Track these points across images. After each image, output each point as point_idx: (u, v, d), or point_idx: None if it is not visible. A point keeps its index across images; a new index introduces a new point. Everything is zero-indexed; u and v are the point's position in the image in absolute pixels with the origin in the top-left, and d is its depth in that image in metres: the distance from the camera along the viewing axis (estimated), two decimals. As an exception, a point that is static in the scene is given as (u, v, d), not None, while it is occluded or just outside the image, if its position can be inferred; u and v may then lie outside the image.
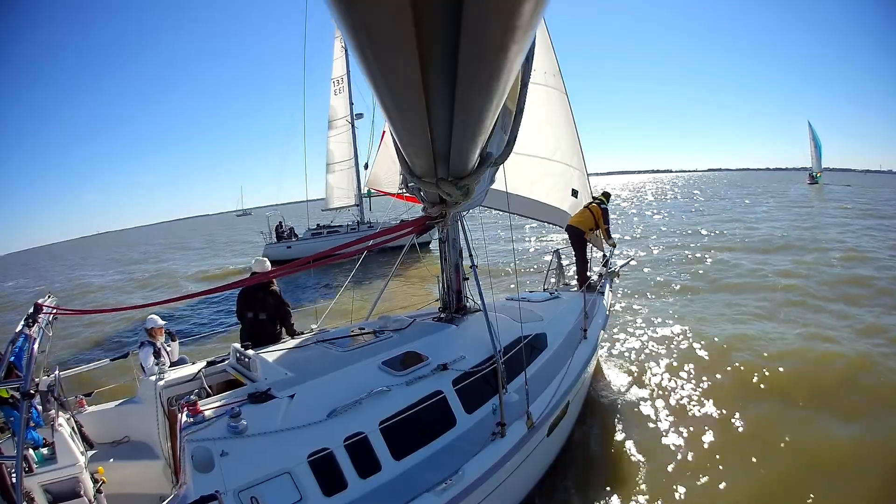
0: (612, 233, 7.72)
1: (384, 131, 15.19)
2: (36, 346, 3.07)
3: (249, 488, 2.67)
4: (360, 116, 22.18)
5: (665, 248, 17.25)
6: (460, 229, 4.58)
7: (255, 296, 5.05)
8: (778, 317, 8.76)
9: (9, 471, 2.94)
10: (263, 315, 5.02)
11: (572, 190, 8.09)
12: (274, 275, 4.78)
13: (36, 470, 3.22)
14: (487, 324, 3.92)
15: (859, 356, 6.68)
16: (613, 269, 7.70)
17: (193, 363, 4.54)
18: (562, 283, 7.87)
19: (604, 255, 7.92)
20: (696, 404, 5.79)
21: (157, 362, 4.46)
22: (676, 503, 4.22)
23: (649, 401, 5.96)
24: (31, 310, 3.45)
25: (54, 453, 3.29)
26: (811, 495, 4.22)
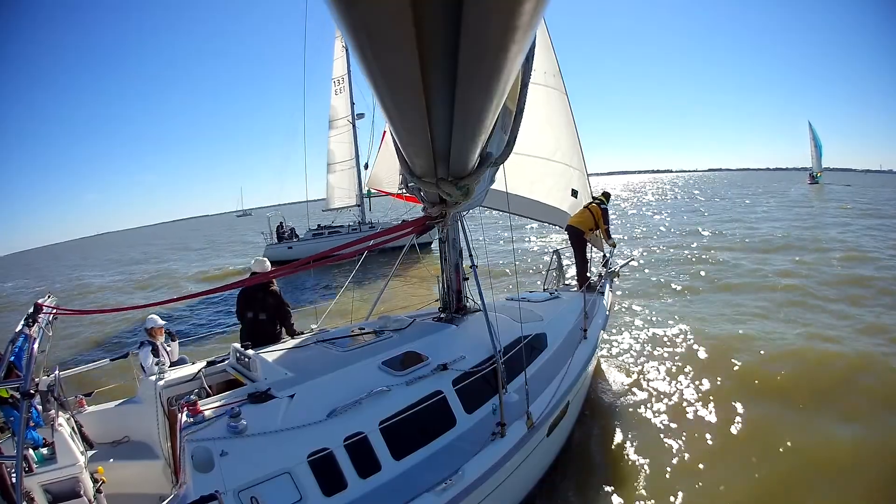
0: (611, 233, 7.73)
1: (385, 131, 15.18)
2: (36, 346, 3.07)
3: (249, 488, 2.67)
4: (361, 116, 22.10)
5: (665, 248, 17.24)
6: (460, 229, 4.59)
7: (254, 296, 5.05)
8: (778, 317, 8.76)
9: (9, 471, 2.94)
10: (263, 315, 5.02)
11: (572, 190, 8.08)
12: (274, 275, 4.79)
13: (36, 470, 3.22)
14: (487, 324, 3.92)
15: (859, 356, 6.68)
16: (613, 269, 7.71)
17: (193, 363, 4.54)
18: (562, 283, 7.87)
19: (604, 255, 7.93)
20: (695, 404, 5.79)
21: (157, 362, 4.46)
22: (676, 503, 4.22)
23: (649, 401, 5.95)
24: (31, 310, 3.45)
25: (54, 453, 3.29)
26: (811, 496, 4.22)
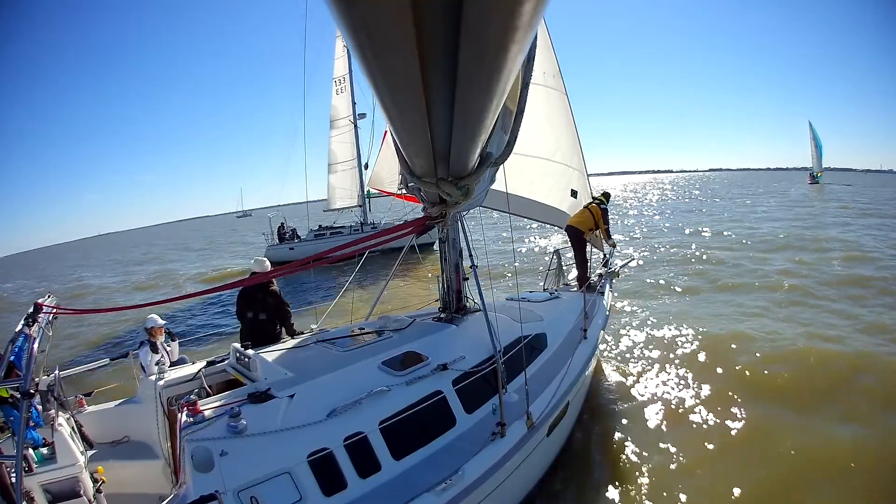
0: (611, 233, 7.72)
1: (386, 131, 15.15)
2: (36, 346, 3.07)
3: (249, 488, 2.67)
4: (362, 116, 21.97)
5: (665, 248, 17.24)
6: (460, 229, 4.59)
7: (254, 296, 5.06)
8: (778, 317, 8.75)
9: (9, 470, 2.94)
10: (263, 315, 5.02)
11: (571, 190, 8.08)
12: (274, 275, 4.79)
13: (36, 469, 3.22)
14: (487, 324, 3.92)
15: (860, 356, 6.67)
16: (613, 269, 7.71)
17: (193, 363, 4.54)
18: (562, 283, 7.87)
19: (604, 255, 7.92)
20: (696, 404, 5.78)
21: (157, 362, 4.46)
22: (676, 503, 4.22)
23: (649, 401, 5.95)
24: (30, 309, 3.45)
25: (54, 453, 3.29)
26: (811, 496, 4.22)
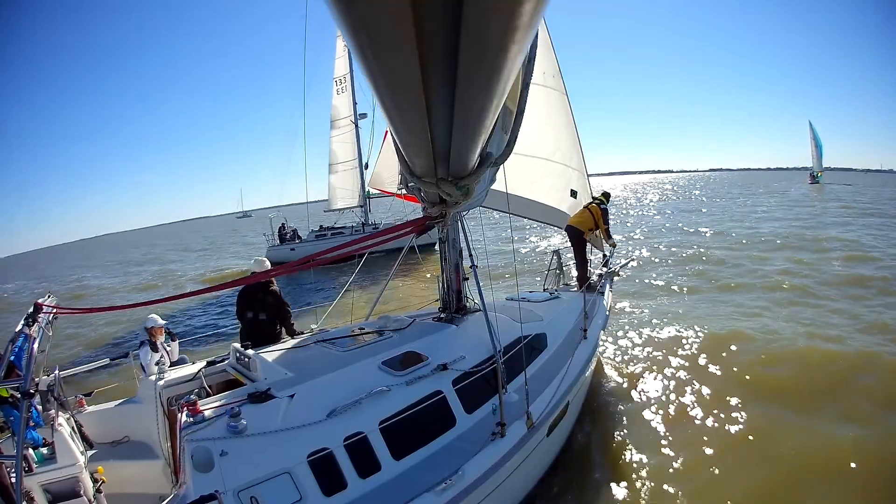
0: (611, 233, 7.72)
1: (387, 130, 15.09)
2: (36, 346, 3.07)
3: (249, 488, 2.67)
4: (363, 116, 21.84)
5: (666, 248, 17.23)
6: (460, 229, 4.58)
7: (254, 296, 5.06)
8: (779, 316, 8.75)
9: (9, 470, 2.94)
10: (263, 315, 5.02)
11: (571, 190, 8.08)
12: (273, 273, 4.79)
13: (36, 469, 3.23)
14: (487, 324, 3.92)
15: (860, 356, 6.67)
16: (613, 269, 7.71)
17: (193, 363, 4.54)
18: (562, 283, 7.87)
19: (604, 255, 7.92)
20: (696, 404, 5.78)
21: (157, 362, 4.46)
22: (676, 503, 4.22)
23: (649, 401, 5.95)
24: (30, 309, 3.45)
25: (54, 453, 3.30)
26: (811, 496, 4.21)
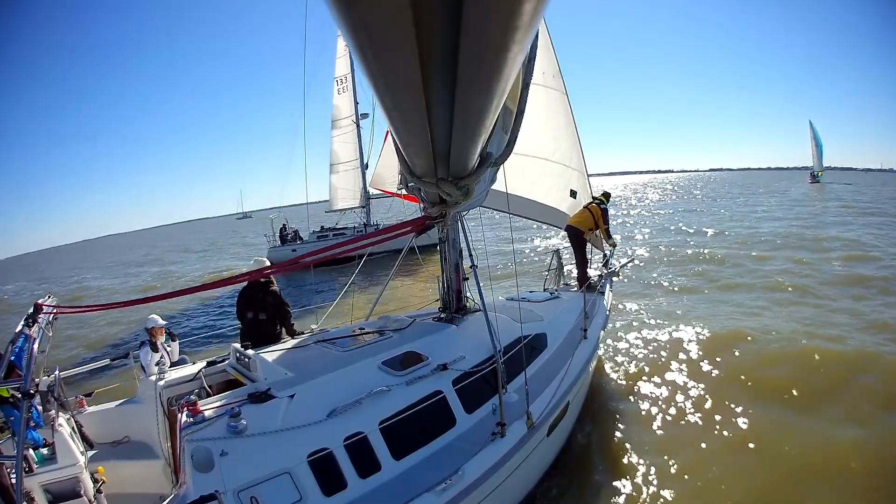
0: (611, 233, 7.72)
1: (388, 130, 14.98)
2: (36, 346, 3.07)
3: (249, 488, 2.67)
4: (365, 116, 21.66)
5: (666, 247, 17.23)
6: (460, 229, 4.58)
7: (254, 296, 5.05)
8: (779, 316, 8.75)
9: (9, 471, 2.94)
10: (263, 315, 5.01)
11: (571, 190, 8.08)
12: (270, 271, 4.77)
13: (36, 470, 3.23)
14: (487, 324, 3.92)
15: (860, 356, 6.67)
16: (613, 269, 7.71)
17: (193, 363, 4.55)
18: (562, 283, 7.87)
19: (604, 255, 7.92)
20: (696, 404, 5.78)
21: (157, 362, 4.46)
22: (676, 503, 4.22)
23: (649, 401, 5.95)
24: (31, 310, 3.45)
25: (54, 453, 3.30)
26: (811, 496, 4.21)
